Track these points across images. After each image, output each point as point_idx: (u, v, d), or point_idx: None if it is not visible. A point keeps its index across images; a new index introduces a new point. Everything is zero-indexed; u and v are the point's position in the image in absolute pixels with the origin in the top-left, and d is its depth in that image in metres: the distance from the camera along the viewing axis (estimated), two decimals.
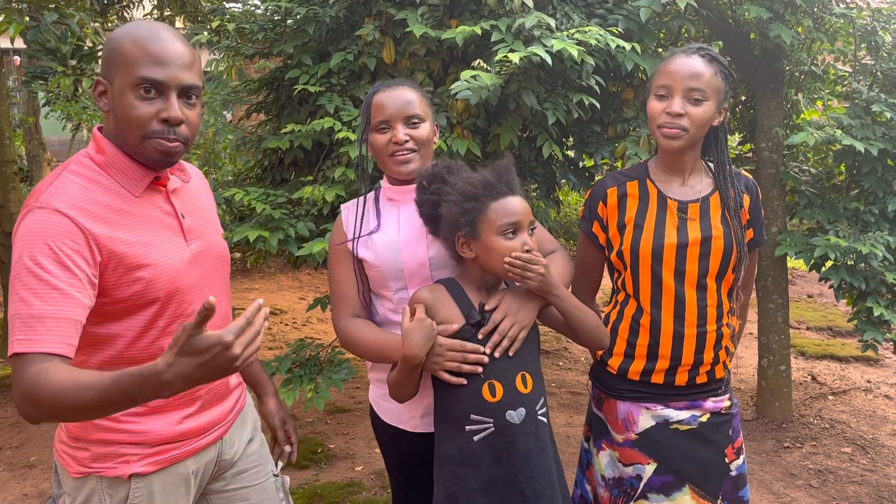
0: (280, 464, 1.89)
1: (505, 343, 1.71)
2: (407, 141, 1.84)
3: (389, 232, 1.88)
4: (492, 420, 1.68)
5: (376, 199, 1.96)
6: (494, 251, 1.70)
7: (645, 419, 1.92)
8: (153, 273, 1.47)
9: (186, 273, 1.55)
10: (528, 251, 1.69)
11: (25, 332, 1.29)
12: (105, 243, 1.40)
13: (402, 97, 1.86)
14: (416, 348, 1.66)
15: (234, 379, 1.77)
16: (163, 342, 1.52)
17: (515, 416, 1.68)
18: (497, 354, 1.70)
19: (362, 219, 1.90)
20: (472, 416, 1.69)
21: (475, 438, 1.68)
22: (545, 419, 1.75)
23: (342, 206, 1.98)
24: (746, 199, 1.94)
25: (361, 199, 1.94)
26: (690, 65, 1.81)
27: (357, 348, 1.84)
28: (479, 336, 1.72)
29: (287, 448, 1.91)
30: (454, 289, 1.78)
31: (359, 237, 1.88)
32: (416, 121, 1.86)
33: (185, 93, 1.46)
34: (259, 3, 3.84)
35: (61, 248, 1.34)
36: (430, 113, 1.92)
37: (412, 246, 1.84)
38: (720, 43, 3.50)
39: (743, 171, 2.02)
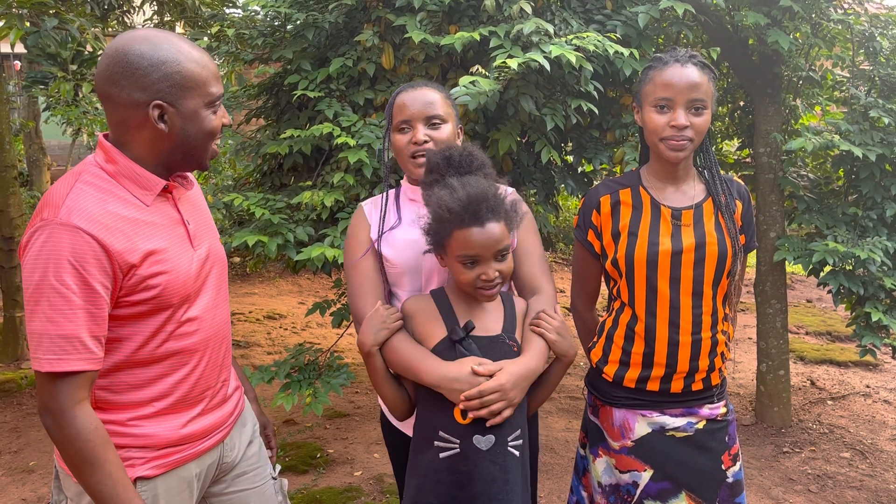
0: (278, 467, 1.89)
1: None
2: (427, 141, 1.83)
3: (410, 230, 1.87)
4: (458, 441, 1.65)
5: (396, 197, 1.96)
6: (456, 273, 1.72)
7: (641, 426, 1.92)
8: (167, 280, 1.50)
9: (195, 279, 1.58)
10: (493, 282, 1.67)
11: (55, 352, 1.38)
12: (125, 256, 1.43)
13: (424, 97, 1.86)
14: (363, 335, 1.71)
15: (234, 382, 1.79)
16: (169, 346, 1.54)
17: (483, 442, 1.64)
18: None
19: (385, 215, 1.89)
20: (441, 434, 1.67)
21: (440, 455, 1.66)
22: (517, 452, 1.69)
23: (364, 202, 1.97)
24: (739, 206, 1.95)
25: (382, 196, 1.93)
26: (689, 75, 1.81)
27: (390, 352, 1.74)
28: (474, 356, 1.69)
29: (267, 453, 1.93)
30: (441, 301, 1.77)
31: (382, 234, 1.87)
32: (437, 121, 1.86)
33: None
34: (259, 9, 3.85)
35: (86, 267, 1.38)
36: (453, 115, 1.91)
37: None
38: (718, 49, 3.51)
39: (735, 177, 2.02)
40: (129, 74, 1.43)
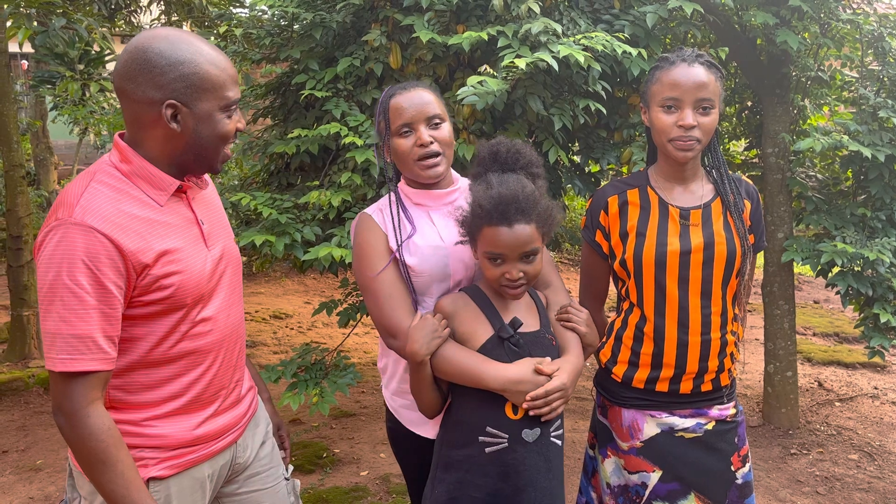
0: (291, 467, 1.89)
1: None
2: (432, 142, 1.82)
3: (431, 236, 1.85)
4: (507, 436, 1.68)
5: (399, 202, 1.90)
6: (483, 268, 1.73)
7: (650, 427, 1.91)
8: (181, 280, 1.50)
9: (209, 278, 1.58)
10: (517, 282, 1.68)
11: (69, 352, 1.39)
12: (138, 256, 1.43)
13: (420, 98, 1.84)
14: (416, 345, 1.68)
15: (247, 383, 1.79)
16: (183, 346, 1.54)
17: (531, 435, 1.68)
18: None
19: (399, 224, 1.85)
20: (489, 429, 1.69)
21: (486, 450, 1.68)
22: (559, 441, 1.74)
23: (367, 210, 1.92)
24: (747, 205, 1.94)
25: (389, 203, 1.89)
26: (696, 75, 1.80)
27: (443, 362, 1.72)
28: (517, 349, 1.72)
29: (281, 453, 1.93)
30: (479, 297, 1.77)
31: (401, 244, 1.83)
32: (438, 121, 1.84)
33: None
34: (266, 9, 3.85)
35: (100, 268, 1.39)
36: (447, 113, 1.90)
37: (459, 250, 1.83)
38: (726, 49, 3.49)
39: (743, 177, 2.01)
40: (145, 72, 1.43)
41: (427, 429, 1.90)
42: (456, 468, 1.72)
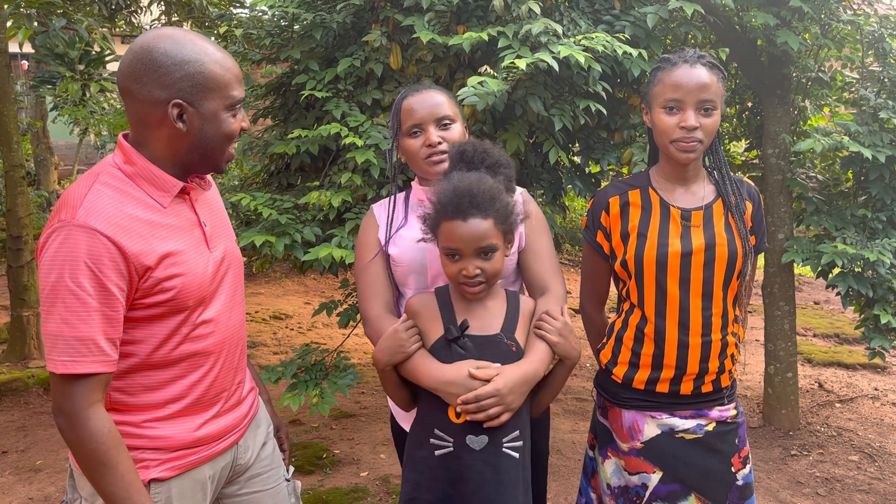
0: (292, 469, 1.89)
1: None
2: (440, 143, 1.84)
3: (416, 229, 1.87)
4: (452, 441, 1.66)
5: (406, 198, 1.97)
6: (443, 265, 1.73)
7: (650, 428, 1.91)
8: (183, 282, 1.50)
9: (211, 281, 1.58)
10: (474, 279, 1.66)
11: (70, 354, 1.38)
12: (141, 258, 1.43)
13: (431, 100, 1.87)
14: (380, 353, 1.71)
15: (248, 384, 1.79)
16: (184, 349, 1.54)
17: (476, 442, 1.64)
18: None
19: (393, 217, 1.91)
20: (436, 431, 1.68)
21: (436, 453, 1.67)
22: (515, 453, 1.67)
23: (375, 204, 1.99)
24: (749, 207, 1.94)
25: (392, 198, 1.95)
26: (698, 76, 1.80)
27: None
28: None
29: (280, 454, 1.93)
30: (443, 298, 1.77)
31: (390, 237, 1.88)
32: (448, 122, 1.87)
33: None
34: (266, 9, 3.85)
35: (103, 270, 1.39)
36: (459, 114, 1.92)
37: None
38: (727, 49, 3.49)
39: (745, 179, 2.01)
40: (151, 71, 1.43)
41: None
42: (414, 469, 1.71)
